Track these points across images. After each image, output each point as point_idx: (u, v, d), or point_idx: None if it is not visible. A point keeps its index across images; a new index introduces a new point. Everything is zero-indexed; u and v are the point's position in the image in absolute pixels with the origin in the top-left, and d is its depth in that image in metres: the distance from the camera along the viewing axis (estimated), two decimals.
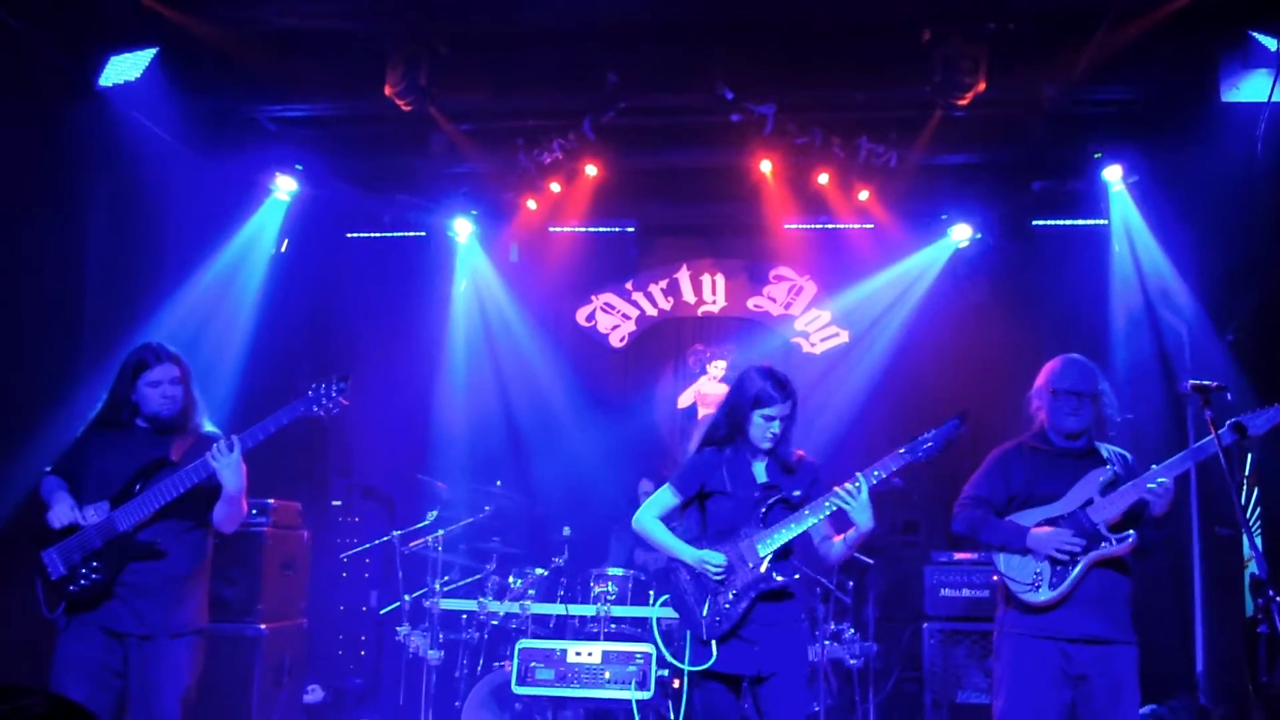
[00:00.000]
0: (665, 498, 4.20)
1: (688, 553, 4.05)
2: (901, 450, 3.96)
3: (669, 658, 4.09)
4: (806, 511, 3.97)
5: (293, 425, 4.19)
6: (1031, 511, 4.20)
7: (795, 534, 3.98)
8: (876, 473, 3.93)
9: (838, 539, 4.07)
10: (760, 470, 4.11)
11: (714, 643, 3.94)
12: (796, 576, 4.10)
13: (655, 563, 7.09)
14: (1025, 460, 4.30)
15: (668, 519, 4.22)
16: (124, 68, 6.21)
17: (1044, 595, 4.07)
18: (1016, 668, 4.15)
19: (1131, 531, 4.04)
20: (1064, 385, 4.20)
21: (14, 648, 4.84)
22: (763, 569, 3.96)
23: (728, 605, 3.95)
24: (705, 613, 3.97)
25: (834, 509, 3.95)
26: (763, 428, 4.04)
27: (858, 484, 3.90)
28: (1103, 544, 4.04)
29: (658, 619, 4.49)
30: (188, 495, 4.08)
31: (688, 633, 4.02)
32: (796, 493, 4.05)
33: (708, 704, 3.99)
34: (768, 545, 3.97)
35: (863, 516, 3.90)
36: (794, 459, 4.12)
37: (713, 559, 3.98)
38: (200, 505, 4.19)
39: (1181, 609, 6.97)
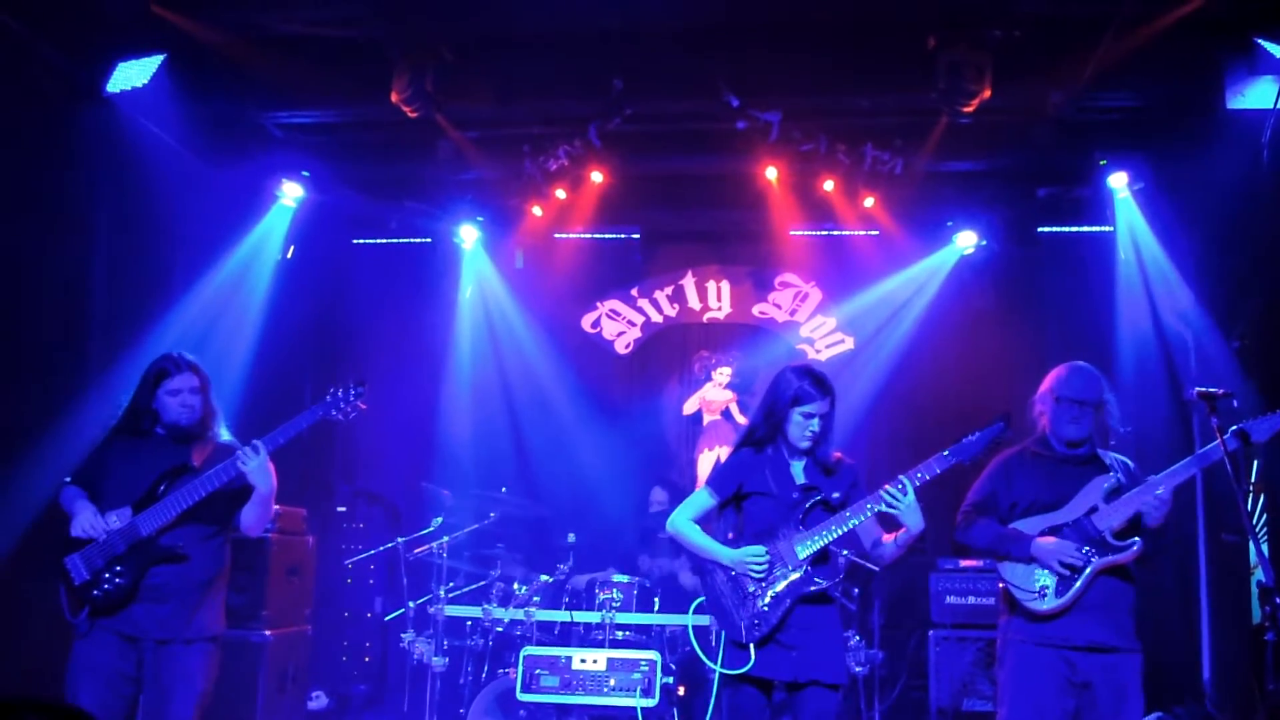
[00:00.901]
0: (702, 500, 4.13)
1: (725, 554, 3.97)
2: (946, 452, 3.92)
3: (706, 660, 4.01)
4: (847, 514, 3.91)
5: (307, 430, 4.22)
6: (1035, 519, 4.18)
7: (836, 536, 3.92)
8: (920, 474, 3.90)
9: (888, 539, 4.02)
10: (799, 471, 4.05)
11: (752, 646, 3.86)
12: (839, 579, 4.04)
13: (660, 570, 7.08)
14: (1027, 466, 4.27)
15: (704, 522, 4.14)
16: (131, 74, 6.24)
17: (1049, 604, 4.06)
18: (1020, 676, 4.13)
19: (1137, 539, 4.03)
20: (1067, 393, 4.17)
21: (34, 655, 4.85)
22: (802, 572, 3.90)
23: (766, 608, 3.87)
24: (742, 615, 3.89)
25: (875, 511, 3.90)
26: (802, 426, 3.99)
27: (902, 486, 3.86)
28: (1108, 552, 4.03)
29: (691, 625, 4.41)
30: (210, 499, 4.10)
31: (723, 634, 3.95)
32: (836, 494, 4.00)
33: (736, 707, 3.91)
34: (807, 547, 3.90)
35: (913, 518, 3.87)
36: (833, 460, 4.06)
37: (755, 555, 3.90)
38: (221, 511, 4.21)
39: (1188, 616, 6.95)
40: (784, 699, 3.94)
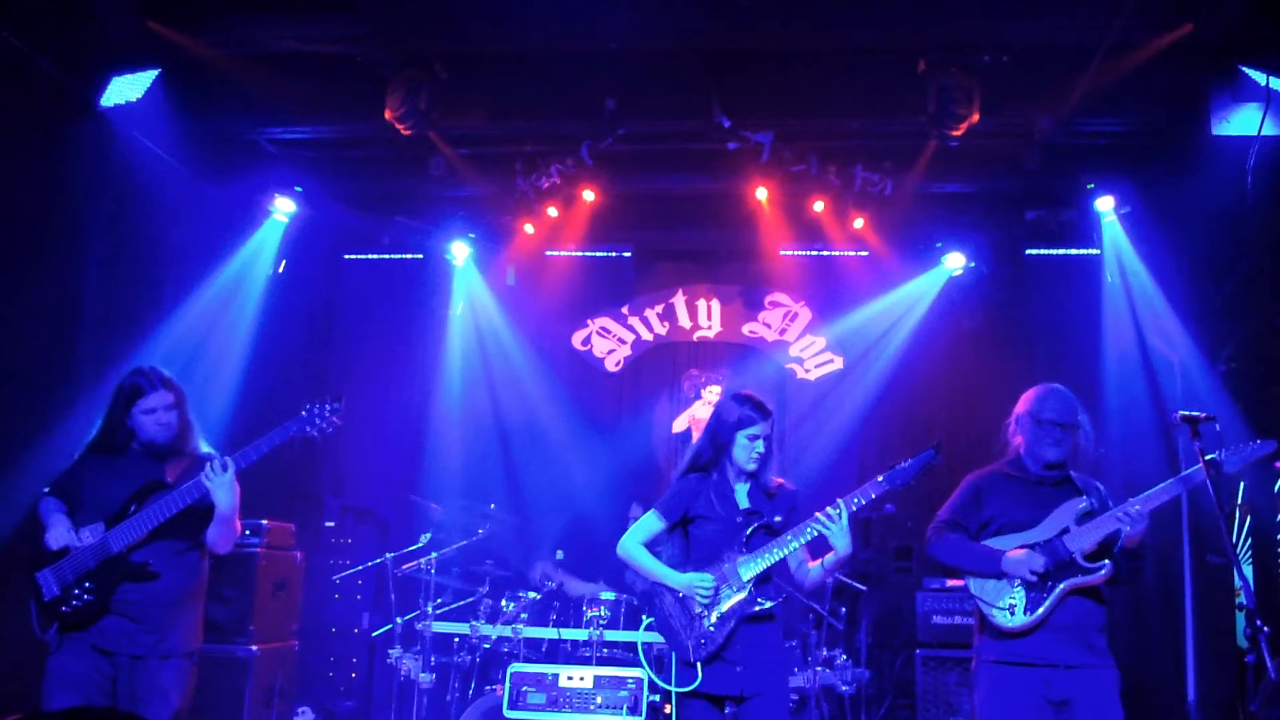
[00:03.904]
0: (650, 523, 4.28)
1: (674, 578, 4.15)
2: (880, 479, 4.07)
3: (657, 680, 4.16)
4: (789, 536, 4.08)
5: (286, 445, 4.21)
6: (1007, 538, 4.20)
7: (778, 558, 4.07)
8: (857, 499, 4.05)
9: (814, 564, 4.19)
10: (743, 496, 4.23)
11: (699, 664, 4.02)
12: (784, 599, 4.18)
13: (642, 584, 7.09)
14: (999, 487, 4.31)
15: (653, 544, 4.30)
16: (126, 88, 6.26)
17: (1019, 620, 4.08)
18: (994, 700, 4.13)
19: (1106, 561, 4.06)
20: (1048, 416, 4.22)
21: (8, 669, 4.83)
22: (746, 593, 4.04)
23: (712, 628, 4.04)
24: (690, 635, 4.06)
25: (815, 534, 4.05)
26: (747, 449, 4.16)
27: (839, 510, 4.01)
28: (1078, 574, 4.05)
29: (644, 644, 4.52)
30: (182, 516, 4.09)
31: (673, 655, 4.09)
32: (778, 518, 4.16)
33: None
34: (751, 569, 4.06)
35: (841, 541, 4.02)
36: (774, 486, 4.24)
37: (702, 581, 4.07)
38: (196, 526, 4.20)
39: (1173, 637, 6.98)
40: (734, 712, 4.07)
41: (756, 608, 4.05)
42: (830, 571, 4.16)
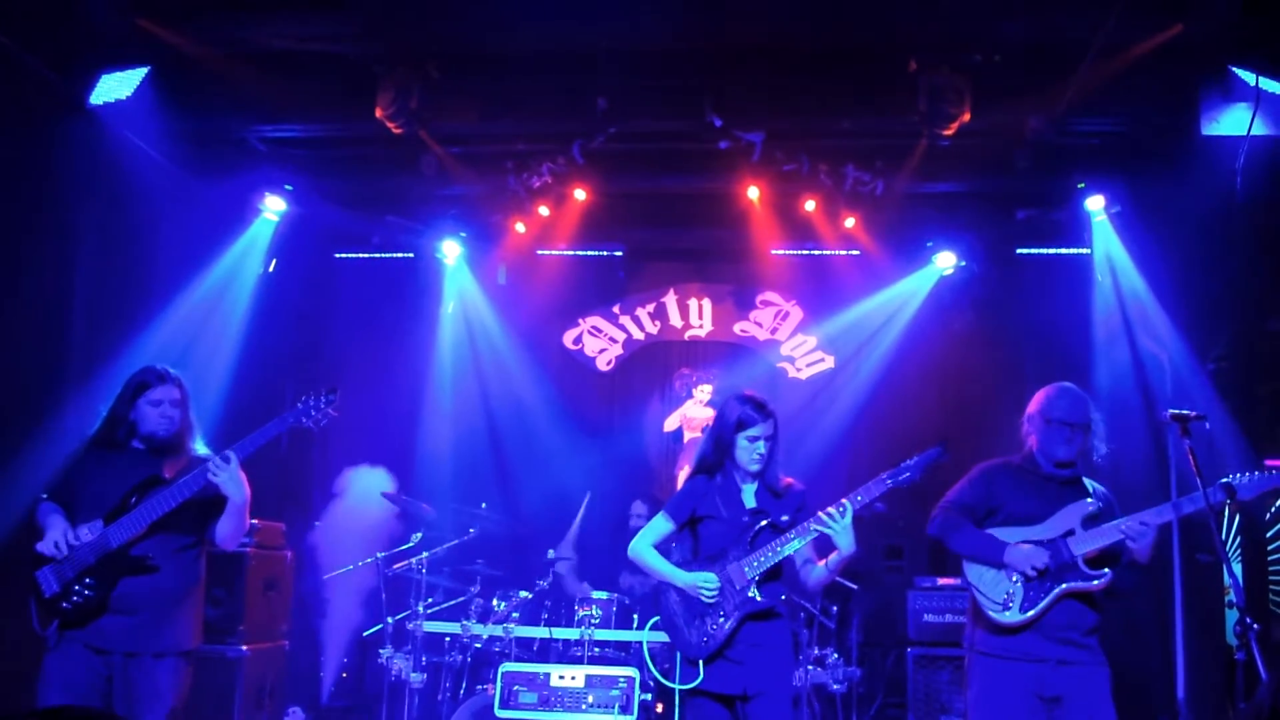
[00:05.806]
0: (659, 525, 4.33)
1: (680, 577, 4.16)
2: (884, 476, 4.05)
3: (659, 677, 4.17)
4: (791, 535, 4.08)
5: (276, 444, 4.20)
6: (1011, 529, 4.20)
7: (780, 557, 4.08)
8: (859, 497, 4.05)
9: (820, 563, 4.18)
10: (749, 496, 4.24)
11: (701, 662, 4.03)
12: (784, 598, 4.20)
13: (642, 586, 7.09)
14: (1010, 477, 4.31)
15: (663, 545, 4.32)
16: (115, 86, 6.24)
17: (1013, 616, 4.08)
18: (987, 697, 4.13)
19: (1108, 570, 4.06)
20: (1059, 415, 4.21)
21: (8, 671, 4.81)
22: (749, 592, 4.05)
23: (715, 627, 4.05)
24: (693, 633, 4.07)
25: (817, 533, 4.05)
26: (749, 450, 4.16)
27: (842, 508, 4.01)
28: (1078, 578, 4.06)
29: (646, 641, 4.52)
30: (181, 510, 4.08)
31: (678, 653, 4.11)
32: (784, 517, 4.16)
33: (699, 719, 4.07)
34: (754, 568, 4.07)
35: (844, 540, 4.02)
36: (781, 485, 4.23)
37: (705, 580, 4.08)
38: (194, 522, 4.19)
39: (1163, 634, 7.00)
40: (739, 711, 4.07)
41: (759, 606, 4.05)
42: (834, 571, 4.15)
